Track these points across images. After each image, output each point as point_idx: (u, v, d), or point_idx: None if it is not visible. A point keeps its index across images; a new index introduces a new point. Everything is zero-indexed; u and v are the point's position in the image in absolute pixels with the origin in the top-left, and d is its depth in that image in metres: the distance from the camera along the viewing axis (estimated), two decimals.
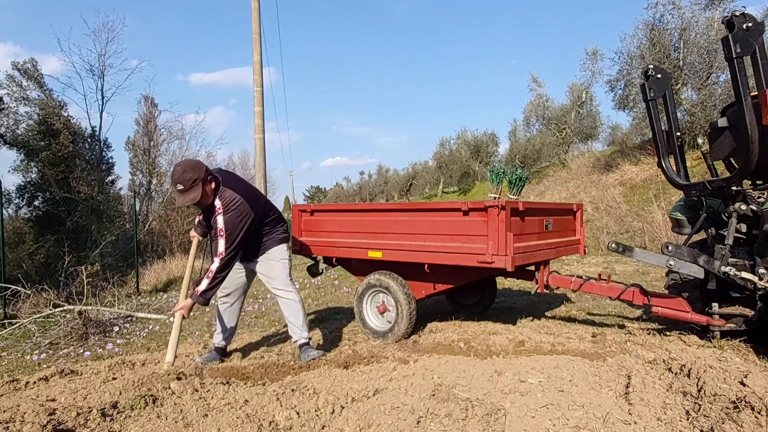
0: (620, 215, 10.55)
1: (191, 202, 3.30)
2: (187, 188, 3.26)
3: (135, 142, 19.22)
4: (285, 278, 3.66)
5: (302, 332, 3.62)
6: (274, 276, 3.65)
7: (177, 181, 3.26)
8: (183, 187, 3.25)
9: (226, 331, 3.81)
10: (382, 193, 37.43)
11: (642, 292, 3.66)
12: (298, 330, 3.62)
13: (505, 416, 2.21)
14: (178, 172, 3.28)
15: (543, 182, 17.72)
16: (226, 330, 3.80)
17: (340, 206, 4.95)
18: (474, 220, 3.57)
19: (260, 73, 11.68)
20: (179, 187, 3.27)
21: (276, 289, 3.65)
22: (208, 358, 3.74)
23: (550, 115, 20.48)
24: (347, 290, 7.11)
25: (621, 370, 2.74)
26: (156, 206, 18.25)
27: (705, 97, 11.74)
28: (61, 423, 2.26)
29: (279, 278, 3.64)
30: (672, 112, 3.87)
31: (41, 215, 16.31)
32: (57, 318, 5.65)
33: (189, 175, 3.25)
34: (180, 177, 3.25)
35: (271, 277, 3.65)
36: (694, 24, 12.19)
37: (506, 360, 3.08)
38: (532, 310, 5.07)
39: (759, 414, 1.97)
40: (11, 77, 16.27)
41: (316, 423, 2.27)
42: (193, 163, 3.42)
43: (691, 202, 3.73)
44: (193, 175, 3.25)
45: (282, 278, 3.65)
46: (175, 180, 3.27)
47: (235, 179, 3.61)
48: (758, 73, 2.93)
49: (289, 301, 3.63)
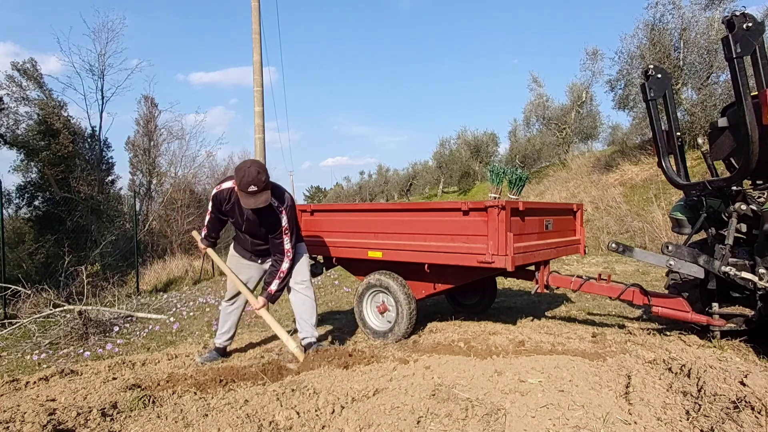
0: (620, 215, 10.56)
1: (263, 204, 3.19)
2: (261, 189, 3.15)
3: (135, 142, 19.26)
4: (306, 275, 3.71)
5: (313, 331, 3.66)
6: (298, 270, 3.67)
7: (252, 183, 3.11)
8: (257, 188, 3.13)
9: (228, 332, 3.85)
10: (382, 193, 37.42)
11: (642, 292, 3.66)
12: (309, 328, 3.65)
13: (505, 416, 2.21)
14: (252, 173, 3.12)
15: (543, 182, 17.72)
16: (228, 331, 3.84)
17: (340, 206, 4.95)
18: (474, 220, 3.57)
19: (260, 73, 11.67)
20: (252, 188, 3.12)
21: (296, 284, 3.66)
22: (209, 357, 3.77)
23: (551, 115, 20.48)
24: (347, 290, 7.11)
25: (621, 370, 2.74)
26: (156, 206, 18.26)
27: (705, 97, 11.74)
28: (61, 423, 2.26)
29: (301, 273, 3.67)
30: (672, 112, 3.87)
31: (41, 215, 16.32)
32: (57, 318, 5.65)
33: (263, 176, 3.15)
34: (255, 178, 3.11)
35: (295, 271, 3.66)
36: (694, 24, 12.19)
37: (506, 360, 3.08)
38: (532, 310, 5.07)
39: (759, 414, 1.97)
40: (11, 77, 16.31)
41: (316, 423, 2.27)
42: (261, 163, 3.32)
43: (691, 202, 3.73)
44: (266, 176, 3.17)
45: (304, 274, 3.69)
46: (250, 181, 3.11)
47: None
48: (758, 73, 2.93)
49: (306, 298, 3.65)
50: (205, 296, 8.13)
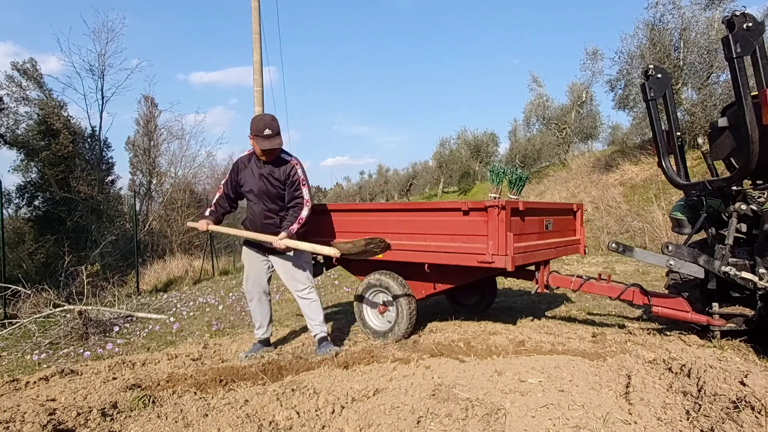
0: (620, 215, 10.56)
1: (278, 146, 3.53)
2: (275, 133, 3.50)
3: (135, 142, 19.25)
4: (308, 281, 3.87)
5: (322, 327, 3.84)
6: (299, 278, 3.84)
7: (267, 126, 3.48)
8: (271, 132, 3.49)
9: (262, 327, 3.99)
10: (382, 192, 37.43)
11: (642, 291, 3.66)
12: (318, 326, 3.83)
13: (505, 416, 2.21)
14: (267, 119, 3.54)
15: (543, 182, 17.72)
16: (261, 326, 3.98)
17: (340, 206, 4.94)
18: (474, 219, 3.57)
19: (260, 73, 11.67)
20: (267, 132, 3.47)
21: (299, 291, 3.85)
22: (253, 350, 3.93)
23: (551, 114, 20.48)
24: (347, 290, 7.11)
25: (621, 370, 2.73)
26: (156, 206, 18.26)
27: (705, 96, 11.74)
28: (61, 423, 2.26)
29: (302, 281, 3.84)
30: (672, 112, 3.87)
31: (41, 215, 16.32)
32: (57, 318, 5.65)
33: (276, 123, 3.54)
34: (270, 122, 3.51)
35: (296, 279, 3.83)
36: (694, 24, 12.19)
37: (506, 360, 3.08)
38: (532, 310, 5.07)
39: (759, 414, 1.97)
40: (11, 77, 16.31)
41: (316, 423, 2.27)
42: (273, 115, 3.65)
43: (691, 202, 3.73)
44: (278, 124, 3.55)
45: (305, 281, 3.85)
46: (265, 125, 3.48)
47: None
48: (758, 73, 2.93)
49: (310, 301, 3.84)
50: (205, 296, 8.13)
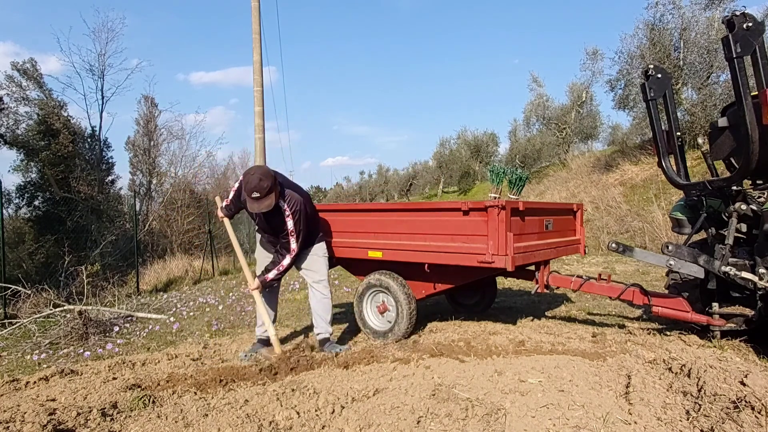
0: (620, 215, 10.56)
1: (266, 209, 3.42)
2: (263, 195, 3.38)
3: (135, 142, 19.23)
4: (325, 274, 3.90)
5: (327, 327, 3.87)
6: (316, 270, 3.87)
7: (254, 189, 3.36)
8: (259, 194, 3.37)
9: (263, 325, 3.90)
10: (382, 192, 37.41)
11: (642, 291, 3.66)
12: (324, 324, 3.85)
13: (505, 416, 2.21)
14: (254, 180, 3.37)
15: (543, 182, 17.72)
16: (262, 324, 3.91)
17: (340, 206, 4.95)
18: (474, 219, 3.57)
19: (260, 73, 11.68)
20: (255, 195, 3.37)
21: (315, 282, 3.87)
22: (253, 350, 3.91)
23: (551, 114, 20.47)
24: (347, 290, 7.11)
25: (621, 370, 2.73)
26: (156, 206, 18.25)
27: (705, 96, 11.74)
28: (61, 423, 2.26)
29: (320, 272, 3.88)
30: (672, 112, 3.87)
31: (41, 215, 16.31)
32: (57, 318, 5.65)
33: (265, 183, 3.37)
34: (257, 185, 3.36)
35: (314, 270, 3.87)
36: (695, 24, 12.19)
37: (506, 360, 3.08)
38: (532, 310, 5.07)
39: (759, 414, 1.97)
40: (11, 77, 16.28)
41: (316, 423, 2.27)
42: (266, 170, 3.51)
43: (691, 202, 3.73)
44: (268, 183, 3.38)
45: (323, 273, 3.88)
46: (252, 188, 3.36)
47: (287, 181, 3.76)
48: (758, 73, 2.93)
49: (322, 296, 3.86)
50: (205, 296, 8.13)
